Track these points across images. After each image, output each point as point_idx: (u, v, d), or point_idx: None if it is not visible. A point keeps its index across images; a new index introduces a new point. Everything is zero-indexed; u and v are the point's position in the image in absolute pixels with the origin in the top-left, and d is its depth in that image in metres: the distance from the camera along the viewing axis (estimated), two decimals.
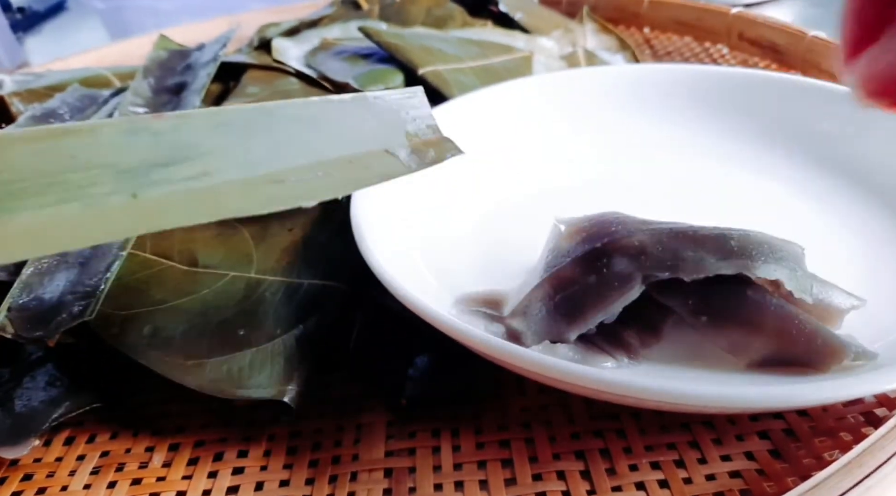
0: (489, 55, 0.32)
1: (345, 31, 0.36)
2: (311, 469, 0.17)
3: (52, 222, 0.12)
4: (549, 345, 0.16)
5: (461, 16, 0.37)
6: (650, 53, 0.38)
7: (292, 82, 0.30)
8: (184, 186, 0.13)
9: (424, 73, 0.29)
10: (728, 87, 0.26)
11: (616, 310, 0.16)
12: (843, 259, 0.19)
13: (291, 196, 0.14)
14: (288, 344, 0.18)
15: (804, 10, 0.49)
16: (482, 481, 0.16)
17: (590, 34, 0.37)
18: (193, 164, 0.13)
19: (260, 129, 0.14)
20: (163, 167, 0.13)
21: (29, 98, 0.30)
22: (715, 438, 0.16)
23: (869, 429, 0.16)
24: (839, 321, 0.16)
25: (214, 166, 0.13)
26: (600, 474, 0.16)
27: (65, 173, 0.12)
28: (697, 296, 0.16)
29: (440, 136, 0.17)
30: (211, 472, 0.17)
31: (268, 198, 0.13)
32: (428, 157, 0.17)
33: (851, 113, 0.24)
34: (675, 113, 0.27)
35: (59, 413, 0.18)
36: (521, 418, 0.18)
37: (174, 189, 0.12)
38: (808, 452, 0.16)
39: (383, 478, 0.16)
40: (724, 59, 0.36)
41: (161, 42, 0.33)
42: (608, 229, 0.17)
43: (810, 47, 0.31)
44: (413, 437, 0.17)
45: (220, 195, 0.13)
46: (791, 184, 0.23)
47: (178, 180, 0.13)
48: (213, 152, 0.13)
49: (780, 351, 0.15)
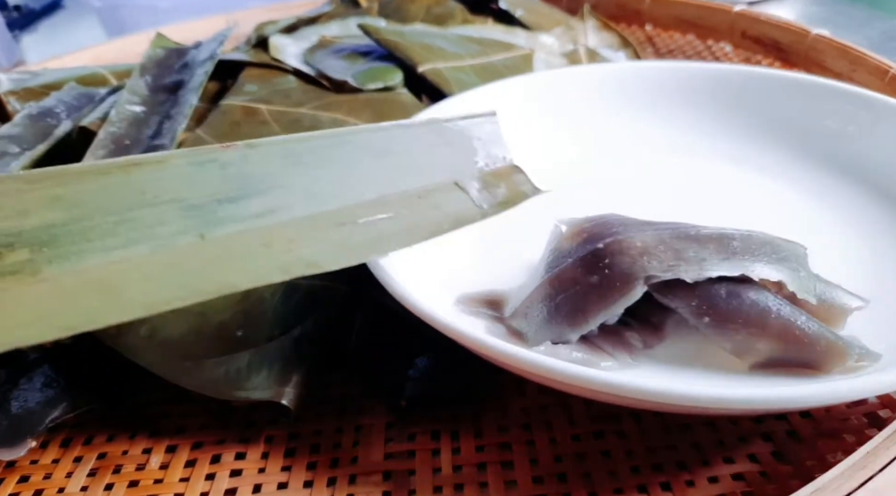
0: (489, 53, 0.32)
1: (344, 28, 0.36)
2: (309, 471, 0.17)
3: (120, 268, 0.11)
4: (551, 346, 0.16)
5: (461, 13, 0.37)
6: (652, 51, 0.37)
7: (290, 81, 0.30)
8: (251, 225, 0.12)
9: (424, 70, 0.29)
10: (731, 85, 0.26)
11: (618, 311, 0.16)
12: (847, 259, 0.19)
13: (361, 246, 0.13)
14: (286, 345, 0.18)
15: (807, 8, 0.49)
16: (482, 483, 0.16)
17: (591, 31, 0.36)
18: (260, 199, 0.13)
19: (328, 159, 0.14)
20: (230, 202, 0.13)
21: (25, 97, 0.30)
22: (718, 440, 0.16)
23: (872, 431, 0.16)
24: (843, 322, 0.16)
25: (281, 202, 0.13)
26: (601, 476, 0.16)
27: (133, 210, 0.12)
28: (700, 297, 0.15)
29: (511, 166, 0.17)
30: (209, 474, 0.17)
31: (336, 249, 0.13)
32: (499, 194, 0.16)
33: (855, 111, 0.23)
34: (677, 111, 0.27)
35: (55, 414, 0.18)
36: (522, 420, 0.17)
37: (241, 228, 0.12)
38: (812, 454, 0.16)
39: (382, 481, 0.16)
40: (727, 57, 0.36)
41: (158, 40, 0.32)
42: (610, 230, 0.17)
43: (813, 45, 0.31)
44: (412, 439, 0.17)
45: (288, 242, 0.13)
46: (794, 182, 0.23)
47: (246, 218, 0.12)
48: (281, 186, 0.13)
49: (783, 352, 0.15)
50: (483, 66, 0.30)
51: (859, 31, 0.44)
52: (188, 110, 0.26)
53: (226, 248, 0.12)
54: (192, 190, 0.12)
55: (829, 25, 0.32)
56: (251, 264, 0.12)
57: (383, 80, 0.29)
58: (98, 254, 0.11)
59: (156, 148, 0.24)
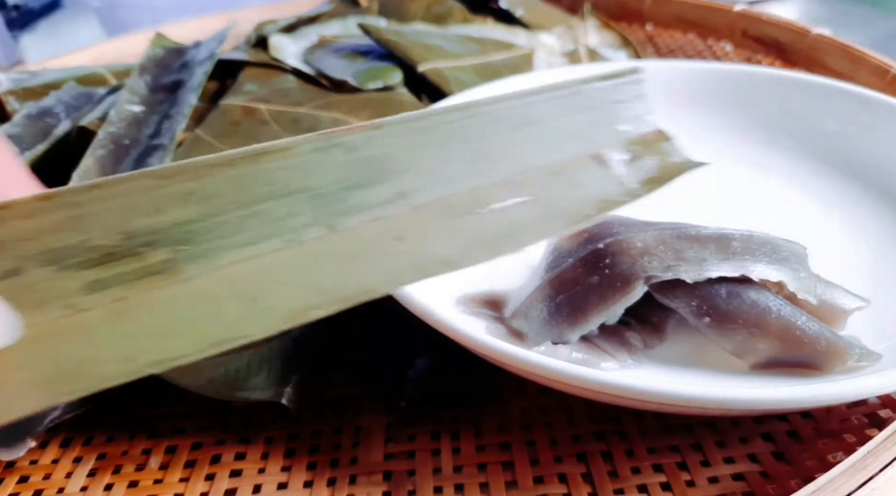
0: (489, 52, 0.32)
1: (343, 27, 0.36)
2: (309, 471, 0.17)
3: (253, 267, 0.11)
4: (551, 346, 0.16)
5: (461, 12, 0.37)
6: (653, 51, 0.37)
7: (290, 80, 0.30)
8: (380, 213, 0.12)
9: (424, 70, 0.29)
10: (731, 85, 0.26)
11: (618, 312, 0.16)
12: (848, 259, 0.19)
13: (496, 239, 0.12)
14: (286, 345, 0.18)
15: (808, 8, 0.49)
16: (483, 484, 0.16)
17: (592, 31, 0.36)
18: (388, 184, 0.12)
19: (458, 135, 0.13)
20: (357, 189, 0.12)
21: (24, 96, 0.30)
22: (718, 440, 0.16)
23: (873, 431, 0.16)
24: (843, 322, 0.16)
25: (409, 186, 0.12)
26: (602, 477, 0.16)
27: (262, 203, 0.12)
28: (700, 297, 0.15)
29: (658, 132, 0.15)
30: (208, 475, 0.17)
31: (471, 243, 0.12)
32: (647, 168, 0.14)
33: (855, 111, 0.23)
34: (677, 110, 0.27)
35: (55, 414, 0.18)
36: (522, 420, 0.17)
37: (371, 217, 0.12)
38: (812, 454, 0.16)
39: (382, 481, 0.16)
40: (728, 57, 0.35)
41: (157, 40, 0.32)
42: (610, 230, 0.17)
43: (814, 45, 0.31)
44: (413, 440, 0.17)
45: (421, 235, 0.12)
46: (794, 182, 0.23)
47: (374, 205, 0.12)
48: (408, 168, 0.12)
49: (783, 352, 0.15)
50: (483, 65, 0.30)
51: (860, 30, 0.43)
52: (187, 110, 0.26)
53: (357, 242, 0.12)
54: (318, 177, 0.12)
55: (829, 25, 0.32)
56: (385, 263, 0.12)
57: (383, 79, 0.29)
58: (232, 251, 0.11)
59: (155, 148, 0.24)
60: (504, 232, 0.13)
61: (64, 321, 0.11)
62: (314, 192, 0.12)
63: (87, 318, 0.11)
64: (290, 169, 0.12)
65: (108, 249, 0.11)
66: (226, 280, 0.11)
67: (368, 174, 0.12)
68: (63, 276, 0.11)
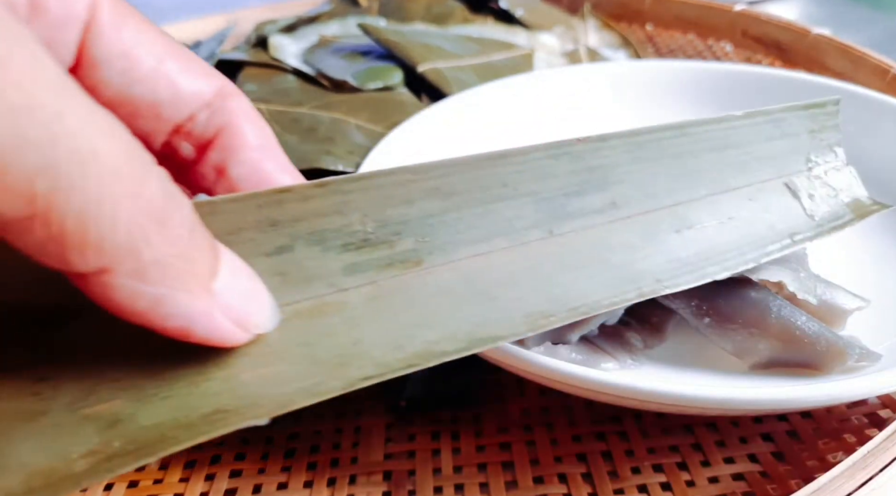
0: (489, 52, 0.32)
1: (343, 27, 0.36)
2: (309, 472, 0.17)
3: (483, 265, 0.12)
4: (551, 346, 0.16)
5: (461, 12, 0.37)
6: (653, 51, 0.37)
7: (290, 80, 0.30)
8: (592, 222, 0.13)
9: (424, 70, 0.29)
10: (731, 85, 0.26)
11: (618, 312, 0.16)
12: (847, 259, 0.19)
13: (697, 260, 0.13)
14: None
15: (808, 8, 0.49)
16: (483, 484, 0.16)
17: (591, 31, 0.36)
18: (601, 194, 0.13)
19: (666, 152, 0.14)
20: (576, 196, 0.13)
21: None
22: (718, 440, 0.16)
23: (873, 431, 0.16)
24: (843, 322, 0.16)
25: (621, 196, 0.13)
26: (602, 477, 0.16)
27: (495, 203, 0.12)
28: (700, 297, 0.15)
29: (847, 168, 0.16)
30: (208, 475, 0.17)
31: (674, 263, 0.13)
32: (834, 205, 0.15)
33: (855, 111, 0.23)
34: (677, 109, 0.27)
35: None
36: (522, 420, 0.17)
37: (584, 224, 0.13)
38: (812, 454, 0.16)
39: (382, 481, 0.16)
40: (728, 57, 0.35)
41: None
42: None
43: (814, 45, 0.31)
44: (413, 440, 0.17)
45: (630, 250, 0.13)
46: None
47: (589, 212, 0.13)
48: (623, 180, 0.13)
49: (783, 352, 0.15)
50: (483, 65, 0.30)
51: (860, 30, 0.43)
52: None
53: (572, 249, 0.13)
54: (545, 183, 0.13)
55: (829, 25, 0.32)
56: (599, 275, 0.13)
57: (383, 79, 0.29)
58: (466, 246, 0.12)
59: None
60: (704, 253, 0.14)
61: (327, 299, 0.11)
62: (539, 196, 0.13)
63: (346, 298, 0.11)
64: (524, 172, 0.13)
65: (365, 235, 0.12)
66: (462, 274, 0.12)
67: (586, 183, 0.13)
68: (326, 257, 0.12)
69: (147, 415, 0.10)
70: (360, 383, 0.11)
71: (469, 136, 0.24)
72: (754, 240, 0.14)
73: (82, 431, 0.10)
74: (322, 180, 0.12)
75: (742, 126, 0.15)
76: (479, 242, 0.12)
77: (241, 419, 0.10)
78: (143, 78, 0.12)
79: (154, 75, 0.12)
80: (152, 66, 0.12)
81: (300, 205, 0.12)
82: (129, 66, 0.12)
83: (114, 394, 0.10)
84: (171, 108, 0.12)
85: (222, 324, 0.10)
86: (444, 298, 0.12)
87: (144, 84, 0.12)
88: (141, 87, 0.12)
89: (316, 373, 0.11)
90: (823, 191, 0.15)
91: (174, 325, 0.10)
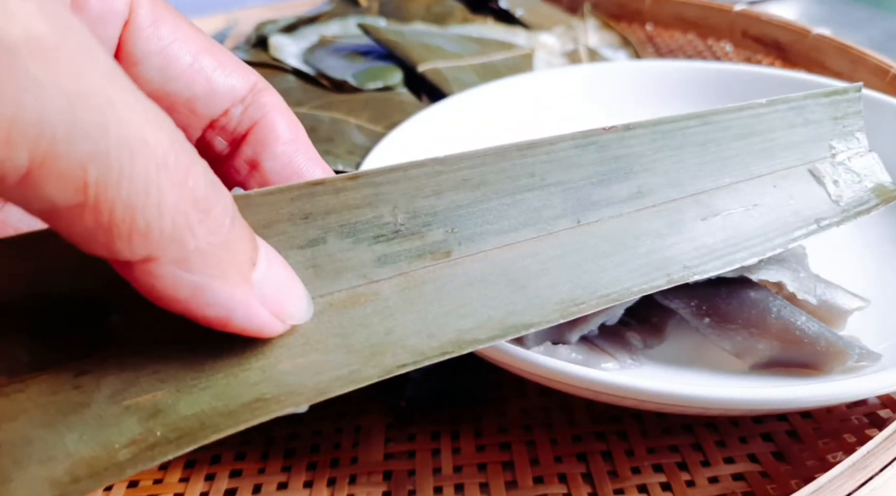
0: (489, 52, 0.32)
1: (343, 27, 0.36)
2: (309, 472, 0.17)
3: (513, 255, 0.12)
4: (551, 346, 0.16)
5: (461, 12, 0.37)
6: (653, 51, 0.37)
7: (290, 80, 0.30)
8: (618, 211, 0.13)
9: (424, 70, 0.29)
10: (731, 84, 0.26)
11: (618, 312, 0.16)
12: (847, 259, 0.19)
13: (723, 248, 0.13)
14: None
15: (808, 8, 0.49)
16: (483, 484, 0.16)
17: (591, 31, 0.36)
18: (629, 182, 0.13)
19: (691, 140, 0.14)
20: (602, 185, 0.13)
21: None
22: (718, 440, 0.16)
23: (873, 431, 0.16)
24: (843, 322, 0.16)
25: (646, 185, 0.13)
26: (602, 477, 0.16)
27: (523, 193, 0.13)
28: (700, 297, 0.15)
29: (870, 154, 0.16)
30: (208, 475, 0.17)
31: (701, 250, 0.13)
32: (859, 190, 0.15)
33: None
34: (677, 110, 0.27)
35: None
36: (522, 420, 0.17)
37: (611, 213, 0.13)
38: (812, 454, 0.16)
39: (382, 481, 0.16)
40: (728, 57, 0.35)
41: None
42: None
43: (814, 44, 0.31)
44: (413, 440, 0.17)
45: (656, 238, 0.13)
46: None
47: (615, 202, 0.13)
48: (648, 169, 0.14)
49: (783, 352, 0.15)
50: (483, 65, 0.30)
51: (860, 30, 0.43)
52: None
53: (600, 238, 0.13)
54: (571, 172, 0.13)
55: (829, 25, 0.32)
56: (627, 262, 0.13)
57: (383, 79, 0.29)
58: (495, 236, 0.12)
59: None
60: (729, 241, 0.14)
61: (360, 290, 0.11)
62: (566, 185, 0.13)
63: (378, 289, 0.12)
64: (552, 162, 0.13)
65: (396, 226, 0.12)
66: (492, 264, 0.12)
67: (612, 172, 0.13)
68: (358, 249, 0.12)
69: (187, 404, 0.10)
70: (396, 371, 0.11)
71: (469, 137, 0.24)
72: (780, 226, 0.14)
73: (124, 422, 0.10)
74: (354, 173, 0.12)
75: (765, 114, 0.15)
76: (507, 232, 0.12)
77: (281, 406, 0.10)
78: (179, 74, 0.12)
79: (190, 72, 0.12)
80: (188, 62, 0.12)
81: (332, 197, 0.12)
82: (167, 63, 0.12)
83: (154, 386, 0.10)
84: (207, 103, 0.12)
85: (260, 313, 0.10)
86: (475, 288, 0.12)
87: (181, 80, 0.12)
88: (177, 83, 0.12)
89: (352, 361, 0.11)
90: (847, 176, 0.15)
91: (214, 314, 0.10)
